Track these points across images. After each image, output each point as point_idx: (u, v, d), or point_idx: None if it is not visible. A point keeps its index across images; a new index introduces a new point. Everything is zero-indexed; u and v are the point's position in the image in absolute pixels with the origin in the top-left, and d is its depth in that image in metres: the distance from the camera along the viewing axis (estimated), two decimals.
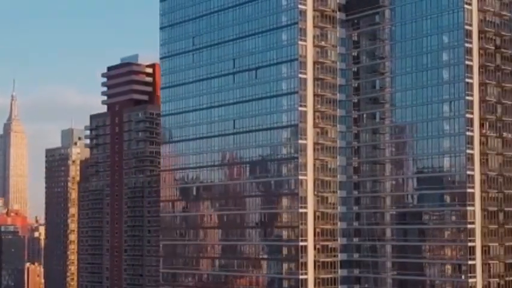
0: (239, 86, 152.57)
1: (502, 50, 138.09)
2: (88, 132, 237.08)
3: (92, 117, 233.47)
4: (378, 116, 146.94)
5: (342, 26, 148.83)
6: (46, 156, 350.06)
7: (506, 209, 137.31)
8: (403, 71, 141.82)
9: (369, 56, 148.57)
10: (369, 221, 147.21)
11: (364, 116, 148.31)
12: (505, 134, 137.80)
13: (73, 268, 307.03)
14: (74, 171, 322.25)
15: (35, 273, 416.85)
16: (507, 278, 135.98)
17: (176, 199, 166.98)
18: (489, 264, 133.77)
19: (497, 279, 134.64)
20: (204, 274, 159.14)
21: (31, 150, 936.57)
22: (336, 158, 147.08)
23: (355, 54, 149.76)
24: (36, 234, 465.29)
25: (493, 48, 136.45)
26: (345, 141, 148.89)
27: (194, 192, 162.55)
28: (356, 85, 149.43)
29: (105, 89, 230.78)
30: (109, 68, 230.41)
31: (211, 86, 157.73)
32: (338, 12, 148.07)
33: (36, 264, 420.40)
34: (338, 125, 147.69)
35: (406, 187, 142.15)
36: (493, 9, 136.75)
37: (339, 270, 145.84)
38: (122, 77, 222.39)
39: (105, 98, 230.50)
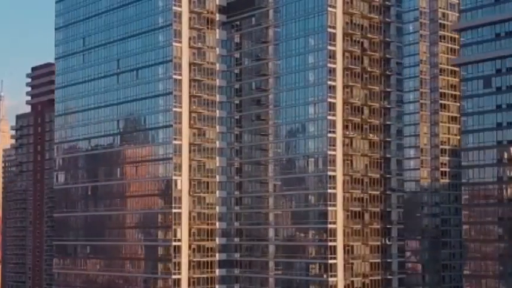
0: (123, 86, 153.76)
1: (370, 52, 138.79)
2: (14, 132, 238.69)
3: (18, 118, 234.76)
4: (256, 117, 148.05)
5: (223, 28, 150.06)
6: (3, 156, 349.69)
7: (371, 209, 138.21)
8: (281, 73, 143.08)
9: (250, 57, 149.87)
10: (251, 221, 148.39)
11: (244, 117, 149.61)
12: (371, 136, 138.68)
13: None
14: None
15: None
16: (372, 278, 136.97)
17: (69, 199, 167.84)
18: (352, 263, 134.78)
19: (361, 278, 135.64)
20: (89, 274, 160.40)
21: None
22: (215, 158, 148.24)
23: (238, 56, 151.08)
24: None
25: (359, 51, 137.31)
26: (226, 142, 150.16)
27: (81, 193, 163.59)
28: (238, 86, 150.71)
29: (29, 89, 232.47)
30: (33, 69, 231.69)
31: (99, 86, 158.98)
32: (218, 14, 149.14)
33: None
34: (218, 126, 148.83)
35: (278, 187, 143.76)
36: (359, 12, 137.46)
37: (217, 270, 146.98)
38: (44, 77, 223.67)
39: (29, 98, 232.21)
